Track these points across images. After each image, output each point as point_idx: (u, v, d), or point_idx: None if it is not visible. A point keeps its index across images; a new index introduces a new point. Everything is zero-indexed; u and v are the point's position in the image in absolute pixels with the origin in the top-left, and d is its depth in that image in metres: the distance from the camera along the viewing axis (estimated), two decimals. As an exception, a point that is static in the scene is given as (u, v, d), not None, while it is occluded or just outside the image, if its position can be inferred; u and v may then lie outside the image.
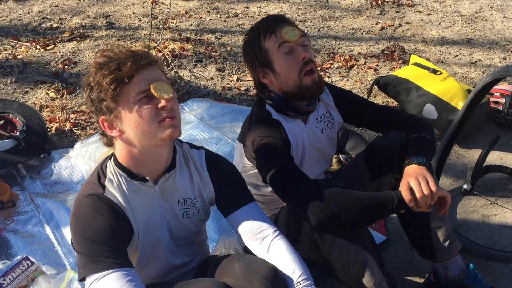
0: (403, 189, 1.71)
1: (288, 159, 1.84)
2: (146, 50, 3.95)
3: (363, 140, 3.11)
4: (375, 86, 3.60)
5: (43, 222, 2.57)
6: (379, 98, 3.70)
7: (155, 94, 1.43)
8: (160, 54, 4.05)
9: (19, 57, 4.19)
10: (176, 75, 3.74)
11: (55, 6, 5.13)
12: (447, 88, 3.26)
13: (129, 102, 1.43)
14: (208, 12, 5.13)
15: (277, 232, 1.64)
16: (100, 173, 1.57)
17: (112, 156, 1.59)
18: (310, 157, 2.08)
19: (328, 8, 5.29)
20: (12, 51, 4.30)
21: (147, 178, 1.55)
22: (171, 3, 4.56)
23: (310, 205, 1.67)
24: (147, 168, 1.55)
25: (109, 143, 1.55)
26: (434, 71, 3.41)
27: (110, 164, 1.58)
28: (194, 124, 3.29)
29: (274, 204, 2.16)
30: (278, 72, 1.91)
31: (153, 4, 4.30)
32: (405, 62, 4.18)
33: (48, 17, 4.89)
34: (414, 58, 3.65)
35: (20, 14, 4.93)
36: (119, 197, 1.52)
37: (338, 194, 1.70)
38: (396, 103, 3.55)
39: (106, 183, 1.53)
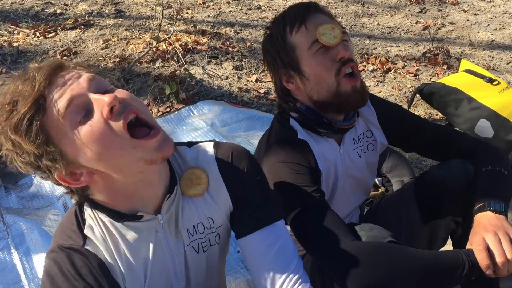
0: (477, 250, 1.26)
1: (316, 196, 1.36)
2: (153, 39, 3.51)
3: (404, 160, 2.60)
4: (418, 95, 3.06)
5: (11, 247, 2.12)
6: (421, 109, 3.18)
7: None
8: (170, 48, 3.57)
9: (15, 44, 3.75)
10: (186, 72, 3.25)
11: (62, -9, 4.68)
12: (507, 101, 2.75)
13: (65, 132, 0.94)
14: (228, 3, 4.64)
15: (301, 280, 1.17)
16: (78, 215, 1.11)
17: (82, 200, 1.11)
18: (344, 187, 1.61)
19: (361, 4, 4.75)
20: (8, 38, 3.87)
21: (139, 214, 1.08)
22: (186, -9, 4.08)
23: (347, 266, 1.22)
24: (139, 199, 1.08)
25: (82, 196, 1.07)
26: (490, 80, 2.87)
27: (86, 206, 1.11)
28: (203, 131, 2.81)
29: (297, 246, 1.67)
30: (307, 75, 1.45)
31: (165, -9, 3.82)
32: (450, 67, 3.64)
33: (52, 2, 4.46)
34: (465, 64, 3.11)
35: (22, -2, 4.50)
36: (104, 251, 1.08)
37: (387, 252, 1.25)
38: (442, 115, 3.02)
39: (86, 232, 1.08)
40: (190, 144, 1.23)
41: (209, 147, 1.20)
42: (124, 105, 0.95)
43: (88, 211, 1.10)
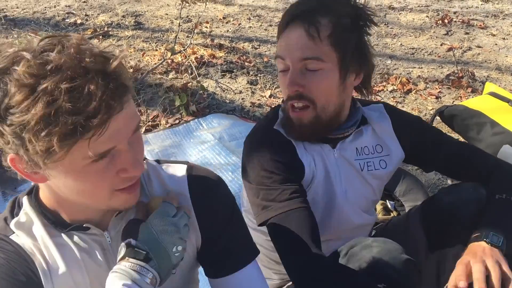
0: (457, 274, 1.16)
1: (291, 198, 1.27)
2: (169, 51, 3.46)
3: (419, 184, 2.45)
4: (438, 117, 2.91)
5: (0, 254, 2.03)
6: (441, 132, 3.01)
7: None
8: (184, 60, 3.52)
9: (32, 52, 3.76)
10: (199, 85, 3.18)
11: (84, 2, 4.73)
12: (533, 127, 2.56)
13: (77, 164, 0.83)
14: (249, 19, 4.59)
15: None
16: (13, 208, 1.01)
17: (33, 190, 1.01)
18: (347, 198, 1.44)
19: (385, 24, 4.65)
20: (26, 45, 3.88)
21: (86, 225, 0.98)
22: (206, 4, 4.04)
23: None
24: (84, 213, 0.98)
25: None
26: (516, 104, 2.70)
27: (26, 202, 0.99)
28: (210, 145, 2.71)
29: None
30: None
31: (184, 3, 3.79)
32: (475, 91, 3.48)
33: (74, 12, 4.48)
34: (489, 87, 2.95)
35: (45, 7, 4.55)
36: (38, 255, 0.97)
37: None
38: (463, 140, 2.85)
39: (13, 226, 0.97)
40: (161, 161, 1.11)
41: (181, 171, 1.08)
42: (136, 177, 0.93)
43: (25, 208, 0.98)
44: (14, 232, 0.97)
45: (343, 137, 1.39)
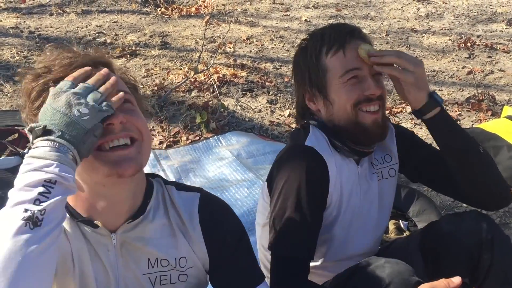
0: None
1: (307, 244, 1.36)
2: (194, 68, 3.58)
3: (432, 205, 2.47)
4: (455, 139, 2.93)
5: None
6: (459, 154, 3.02)
7: None
8: (207, 79, 3.63)
9: (63, 69, 3.93)
10: (219, 103, 3.28)
11: (114, 22, 4.91)
12: (550, 151, 2.56)
13: None
14: (272, 40, 4.69)
15: None
16: None
17: None
18: (361, 213, 1.50)
19: (407, 46, 4.68)
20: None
21: (96, 223, 1.05)
22: (230, 26, 4.16)
23: None
24: (99, 213, 1.06)
25: None
26: (533, 128, 2.70)
27: None
28: (228, 162, 2.79)
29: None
30: (331, 100, 1.41)
31: (208, 24, 3.92)
32: (495, 114, 3.48)
33: (104, 32, 4.67)
34: (507, 110, 2.96)
35: (77, 27, 4.75)
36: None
37: None
38: (480, 162, 2.86)
39: None
40: (177, 187, 1.19)
41: (195, 200, 1.17)
42: (126, 127, 1.00)
43: None
44: None
45: (369, 152, 1.46)
